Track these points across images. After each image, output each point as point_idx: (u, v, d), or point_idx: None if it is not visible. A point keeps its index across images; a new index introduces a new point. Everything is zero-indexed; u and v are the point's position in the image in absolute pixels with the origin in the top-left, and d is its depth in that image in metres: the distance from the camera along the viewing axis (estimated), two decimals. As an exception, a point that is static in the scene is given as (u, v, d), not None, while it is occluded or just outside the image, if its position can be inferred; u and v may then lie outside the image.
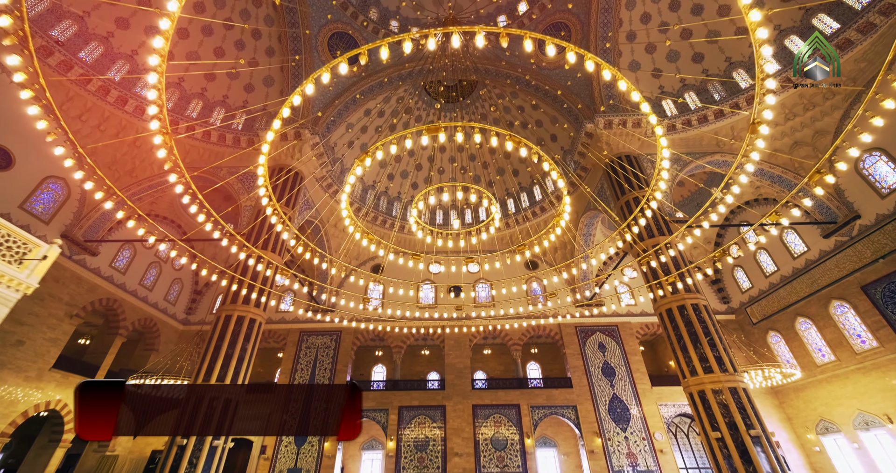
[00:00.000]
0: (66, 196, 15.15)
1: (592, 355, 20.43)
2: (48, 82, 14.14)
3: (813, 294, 16.76)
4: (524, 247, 8.05)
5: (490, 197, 8.17)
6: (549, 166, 6.76)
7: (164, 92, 5.61)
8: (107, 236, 16.81)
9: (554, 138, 23.25)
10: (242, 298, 13.45)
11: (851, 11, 14.31)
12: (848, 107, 15.20)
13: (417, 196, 8.48)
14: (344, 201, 7.37)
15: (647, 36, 18.87)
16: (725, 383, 11.02)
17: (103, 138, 15.87)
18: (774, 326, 18.90)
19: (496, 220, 8.53)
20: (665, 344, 23.56)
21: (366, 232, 7.99)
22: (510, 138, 5.72)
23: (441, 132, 5.74)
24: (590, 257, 9.22)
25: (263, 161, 7.03)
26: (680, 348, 12.18)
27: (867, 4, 13.95)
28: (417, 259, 8.32)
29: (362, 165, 6.38)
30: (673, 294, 12.94)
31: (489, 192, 10.98)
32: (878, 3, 13.62)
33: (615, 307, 22.23)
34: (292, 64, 18.96)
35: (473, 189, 8.53)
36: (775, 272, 18.85)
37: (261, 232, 15.13)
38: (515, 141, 5.77)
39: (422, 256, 8.33)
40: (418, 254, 8.37)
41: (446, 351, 20.86)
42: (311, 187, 20.06)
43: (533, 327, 21.68)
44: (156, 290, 19.78)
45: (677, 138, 18.05)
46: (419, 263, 8.46)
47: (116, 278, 17.43)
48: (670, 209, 16.27)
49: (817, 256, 16.70)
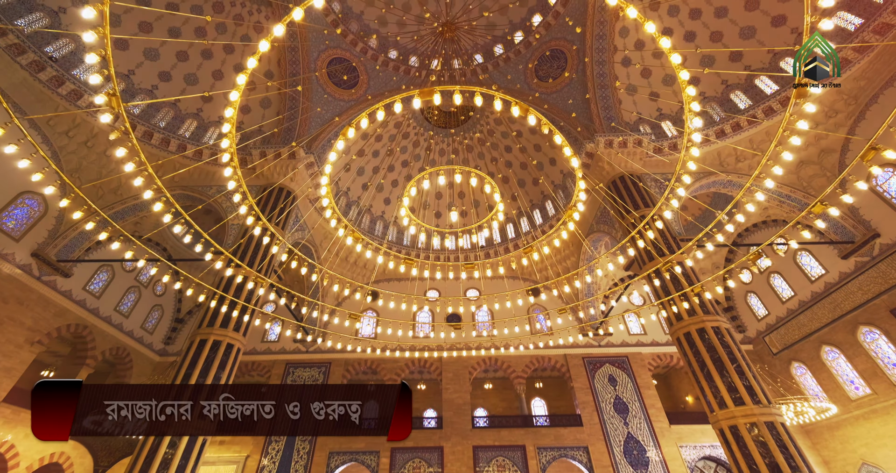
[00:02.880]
0: (43, 213, 14.36)
1: (602, 389, 18.79)
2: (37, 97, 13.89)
3: (837, 320, 15.61)
4: (531, 249, 7.18)
5: (492, 183, 7.41)
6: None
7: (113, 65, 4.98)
8: (84, 257, 15.84)
9: (553, 162, 23.01)
10: (220, 320, 12.28)
11: (845, 32, 14.41)
12: (852, 124, 14.95)
13: (411, 183, 7.74)
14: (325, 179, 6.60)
15: (641, 61, 19.12)
16: (760, 416, 9.69)
17: (90, 156, 15.40)
18: (798, 356, 17.52)
19: (500, 213, 7.71)
20: (680, 378, 21.92)
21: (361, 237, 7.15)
22: (516, 104, 5.08)
23: (437, 94, 5.11)
24: (594, 268, 8.29)
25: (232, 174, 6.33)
26: (704, 376, 10.90)
27: (859, 26, 14.08)
28: (411, 264, 7.41)
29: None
30: (690, 316, 11.85)
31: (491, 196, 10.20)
32: (872, 23, 13.73)
33: (624, 335, 20.88)
34: (299, 88, 18.89)
35: (474, 173, 7.80)
36: (793, 298, 17.78)
37: (247, 251, 14.22)
38: (523, 108, 5.12)
39: (414, 261, 7.44)
40: (412, 259, 7.47)
41: (444, 385, 19.19)
42: (304, 208, 19.41)
43: (537, 358, 20.17)
44: (133, 317, 18.45)
45: (676, 158, 17.68)
46: (412, 268, 7.55)
47: (89, 302, 16.22)
48: (679, 229, 15.54)
49: (837, 278, 15.75)
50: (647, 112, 19.36)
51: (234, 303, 12.13)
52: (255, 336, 21.15)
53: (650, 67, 18.99)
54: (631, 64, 19.10)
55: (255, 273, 11.08)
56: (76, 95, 14.38)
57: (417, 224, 8.32)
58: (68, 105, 14.08)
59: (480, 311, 22.81)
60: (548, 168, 23.56)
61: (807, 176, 16.24)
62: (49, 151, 14.34)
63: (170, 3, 16.85)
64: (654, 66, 18.90)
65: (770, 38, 16.53)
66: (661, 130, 18.94)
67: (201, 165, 17.07)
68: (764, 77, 17.01)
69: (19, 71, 13.13)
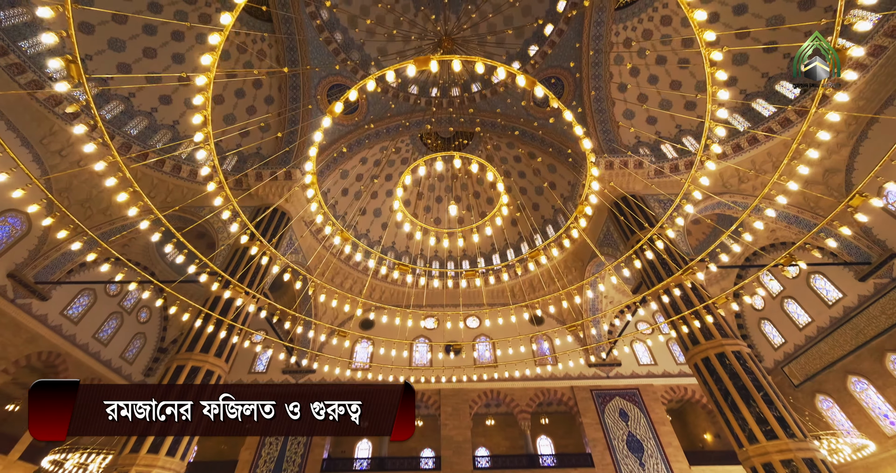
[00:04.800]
0: (25, 232, 13.82)
1: (614, 425, 17.35)
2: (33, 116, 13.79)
3: (862, 347, 14.64)
4: (537, 253, 6.58)
5: (495, 172, 6.90)
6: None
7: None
8: (65, 279, 15.11)
9: (553, 186, 22.84)
10: (202, 344, 11.39)
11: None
12: (855, 144, 14.80)
13: (405, 171, 7.24)
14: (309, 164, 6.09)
15: (637, 87, 19.42)
16: (797, 452, 8.62)
17: (82, 174, 15.09)
18: (822, 388, 16.32)
19: (503, 208, 7.15)
20: (696, 413, 20.41)
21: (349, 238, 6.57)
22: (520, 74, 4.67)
23: (433, 60, 4.72)
24: (598, 283, 7.64)
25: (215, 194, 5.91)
26: (728, 407, 9.88)
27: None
28: (405, 271, 6.75)
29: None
30: (707, 340, 11.00)
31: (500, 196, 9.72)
32: (865, 47, 13.91)
33: (634, 366, 19.67)
34: (306, 109, 19.00)
35: (475, 160, 7.31)
36: (810, 324, 16.85)
37: (237, 270, 13.57)
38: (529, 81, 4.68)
39: (409, 268, 6.81)
40: (406, 265, 6.82)
41: (443, 420, 17.75)
42: (298, 231, 18.91)
43: (542, 391, 18.84)
44: (112, 345, 17.38)
45: (679, 180, 17.43)
46: (407, 275, 6.90)
47: (66, 328, 15.29)
48: (687, 249, 14.95)
49: (857, 302, 14.96)
50: (646, 136, 19.41)
51: (220, 325, 11.34)
52: (243, 366, 19.92)
53: (646, 92, 19.24)
54: (627, 89, 19.39)
55: (243, 287, 10.39)
56: (55, 101, 13.63)
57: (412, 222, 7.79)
58: (57, 120, 13.80)
59: (481, 341, 21.68)
60: (547, 193, 23.36)
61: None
62: (39, 170, 14.05)
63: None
64: (649, 92, 19.15)
65: (763, 63, 16.83)
66: (661, 153, 18.88)
67: (195, 186, 16.77)
68: (761, 100, 17.12)
69: (17, 89, 13.08)
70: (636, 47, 18.64)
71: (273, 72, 18.67)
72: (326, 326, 12.03)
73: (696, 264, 9.80)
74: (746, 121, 17.18)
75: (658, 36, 18.33)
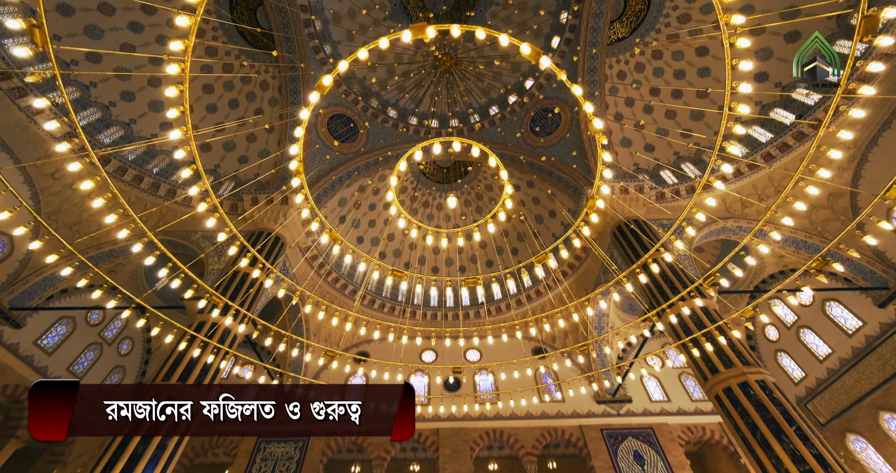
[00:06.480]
0: (7, 255, 13.28)
1: (629, 469, 15.82)
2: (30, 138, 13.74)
3: (891, 379, 13.65)
4: (545, 256, 6.05)
5: (497, 159, 6.50)
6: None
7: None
8: (43, 305, 14.34)
9: (552, 214, 22.63)
10: (178, 375, 10.49)
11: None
12: (856, 167, 14.72)
13: (402, 158, 6.84)
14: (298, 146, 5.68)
15: (633, 116, 19.79)
16: (844, 497, 7.59)
17: (73, 198, 14.84)
18: (852, 426, 15.06)
19: (507, 202, 6.67)
20: (717, 457, 18.78)
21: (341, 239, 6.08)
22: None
23: (429, 29, 4.47)
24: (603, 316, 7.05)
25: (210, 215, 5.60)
26: (759, 442, 8.88)
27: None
28: (400, 277, 6.18)
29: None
30: (728, 368, 10.17)
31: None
32: (854, 74, 14.21)
33: (646, 403, 18.37)
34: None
35: (472, 143, 6.92)
36: (831, 355, 15.89)
37: (226, 291, 12.91)
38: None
39: (404, 273, 6.25)
40: (400, 271, 6.27)
41: (441, 464, 16.20)
42: (294, 260, 18.40)
43: (549, 430, 17.41)
44: (88, 378, 16.21)
45: (680, 205, 17.19)
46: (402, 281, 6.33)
47: (38, 358, 14.29)
48: (696, 273, 14.38)
49: (879, 330, 14.17)
50: (645, 161, 19.48)
51: (206, 348, 10.55)
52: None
53: (643, 120, 19.55)
54: (623, 118, 19.74)
55: (234, 305, 9.71)
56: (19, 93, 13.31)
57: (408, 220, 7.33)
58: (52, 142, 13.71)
59: (481, 375, 20.45)
60: (547, 220, 23.12)
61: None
62: (29, 193, 13.80)
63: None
64: (646, 120, 19.47)
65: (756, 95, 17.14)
66: (661, 179, 18.85)
67: (187, 210, 16.45)
68: (756, 127, 17.30)
69: (16, 112, 13.07)
70: (629, 79, 19.22)
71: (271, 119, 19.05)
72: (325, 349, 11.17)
73: (706, 283, 9.26)
74: (744, 147, 17.27)
75: (650, 69, 18.93)
